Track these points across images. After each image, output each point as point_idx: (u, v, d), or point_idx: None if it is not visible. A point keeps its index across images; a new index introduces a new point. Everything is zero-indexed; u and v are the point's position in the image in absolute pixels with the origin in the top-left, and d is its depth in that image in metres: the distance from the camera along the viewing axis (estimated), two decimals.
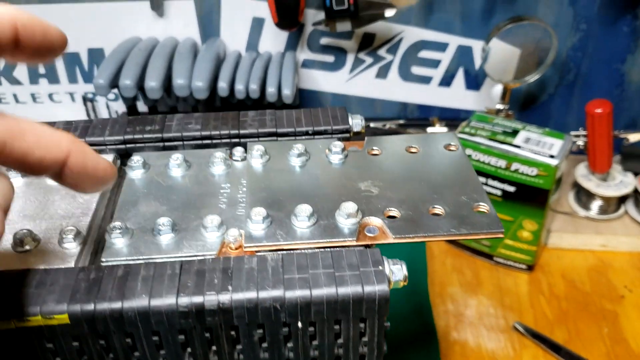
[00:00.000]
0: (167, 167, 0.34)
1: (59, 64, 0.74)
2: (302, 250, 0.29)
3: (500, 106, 0.67)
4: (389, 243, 0.29)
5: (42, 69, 0.74)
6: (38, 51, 0.22)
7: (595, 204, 0.68)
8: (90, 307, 0.25)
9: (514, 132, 0.59)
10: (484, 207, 0.30)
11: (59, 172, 0.22)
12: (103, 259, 0.28)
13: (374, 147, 0.35)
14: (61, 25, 0.23)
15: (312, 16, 0.67)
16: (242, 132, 0.36)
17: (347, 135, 0.37)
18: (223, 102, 0.68)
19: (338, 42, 0.70)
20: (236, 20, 0.69)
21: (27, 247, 0.28)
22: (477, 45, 0.70)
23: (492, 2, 0.67)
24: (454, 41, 0.70)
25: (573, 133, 0.68)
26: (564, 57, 0.71)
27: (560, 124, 0.75)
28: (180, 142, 0.36)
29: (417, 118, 0.74)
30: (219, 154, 0.34)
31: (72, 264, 0.28)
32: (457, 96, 0.74)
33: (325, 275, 0.26)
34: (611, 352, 0.54)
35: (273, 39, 0.70)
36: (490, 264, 0.64)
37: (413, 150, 0.35)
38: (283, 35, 0.69)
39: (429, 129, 0.69)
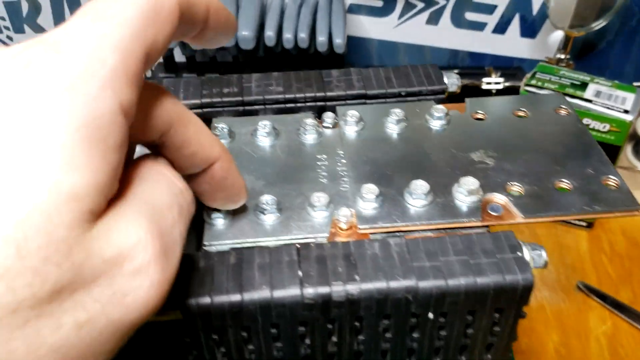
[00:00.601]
0: (255, 136, 0.31)
1: None
2: (421, 233, 0.26)
3: (561, 55, 0.63)
4: (518, 224, 0.26)
5: (68, 15, 0.70)
6: (217, 36, 0.22)
7: None
8: (206, 300, 0.22)
9: (583, 85, 0.55)
10: (614, 180, 0.28)
11: (200, 174, 0.22)
12: (206, 243, 0.26)
13: (478, 111, 0.32)
14: None
15: None
16: (328, 94, 0.33)
17: (442, 96, 0.34)
18: (266, 52, 0.64)
19: None
20: None
21: None
22: None
23: None
24: None
25: (635, 84, 0.65)
26: (628, 1, 0.66)
27: (618, 73, 0.71)
28: (262, 106, 0.33)
29: (469, 66, 0.71)
30: (309, 121, 0.31)
31: None
32: (511, 44, 0.70)
33: (459, 263, 0.23)
34: None
35: None
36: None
37: (521, 113, 0.32)
38: None
39: (485, 80, 0.65)
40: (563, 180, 0.28)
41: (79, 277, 0.15)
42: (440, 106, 0.32)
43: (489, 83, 0.66)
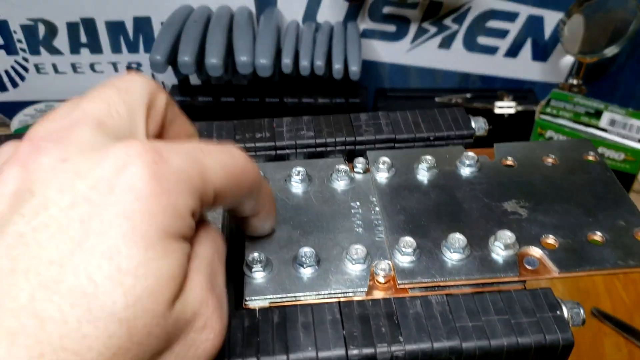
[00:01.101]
0: (288, 182, 0.31)
1: (102, 33, 0.69)
2: (459, 287, 0.27)
3: (574, 81, 0.64)
4: (553, 279, 0.27)
5: (84, 38, 0.70)
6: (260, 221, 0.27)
7: None
8: None
9: (597, 113, 0.56)
10: None
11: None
12: (247, 298, 0.26)
13: (508, 157, 0.33)
14: None
15: None
16: (358, 139, 0.34)
17: (470, 140, 0.34)
18: (281, 76, 0.64)
19: (402, 11, 0.66)
20: None
21: None
22: (549, 16, 0.66)
23: None
24: (525, 11, 0.65)
25: None
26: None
27: (628, 96, 0.71)
28: (293, 150, 0.34)
29: (480, 89, 0.71)
30: (342, 167, 0.32)
31: None
32: (523, 67, 0.70)
33: (501, 322, 0.24)
34: None
35: (332, 8, 0.66)
36: None
37: (550, 160, 0.33)
38: (343, 5, 0.65)
39: (497, 104, 0.66)
40: (596, 232, 0.28)
41: (168, 341, 0.18)
42: (471, 153, 0.32)
43: (501, 107, 0.66)
